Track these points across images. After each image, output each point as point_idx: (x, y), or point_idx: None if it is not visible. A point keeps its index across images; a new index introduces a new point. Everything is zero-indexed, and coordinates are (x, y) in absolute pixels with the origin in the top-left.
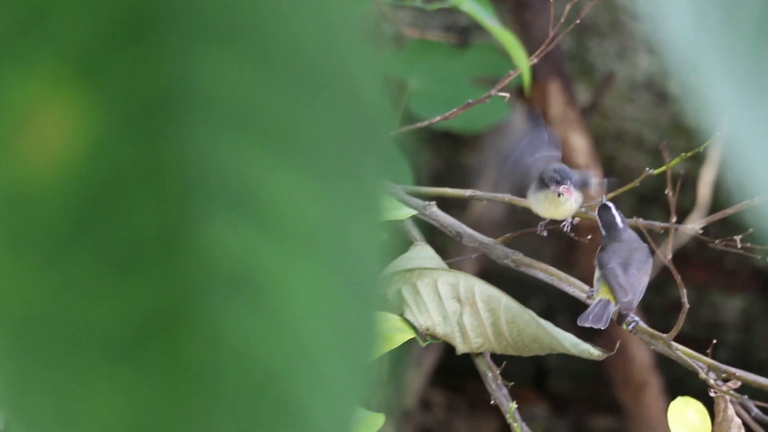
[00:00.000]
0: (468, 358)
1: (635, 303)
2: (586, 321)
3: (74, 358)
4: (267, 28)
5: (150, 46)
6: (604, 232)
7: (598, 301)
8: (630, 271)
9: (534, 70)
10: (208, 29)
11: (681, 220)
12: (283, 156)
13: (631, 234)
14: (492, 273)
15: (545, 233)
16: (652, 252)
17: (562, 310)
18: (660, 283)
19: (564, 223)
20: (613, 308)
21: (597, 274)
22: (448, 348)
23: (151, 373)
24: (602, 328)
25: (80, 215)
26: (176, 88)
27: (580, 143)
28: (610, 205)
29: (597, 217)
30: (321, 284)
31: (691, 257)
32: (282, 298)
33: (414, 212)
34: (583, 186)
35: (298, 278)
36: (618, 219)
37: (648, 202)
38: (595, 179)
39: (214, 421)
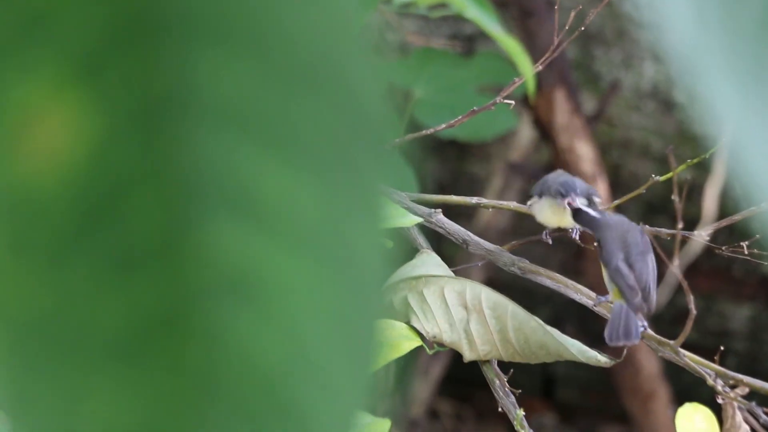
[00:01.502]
0: (475, 368)
1: (652, 291)
2: (617, 340)
3: (76, 360)
4: (266, 30)
5: (150, 49)
6: (591, 231)
7: (619, 309)
8: (634, 260)
9: (539, 78)
10: (208, 31)
11: (688, 228)
12: (283, 157)
13: (612, 216)
14: (499, 282)
15: (550, 241)
16: (659, 258)
17: (570, 319)
18: (668, 293)
19: (572, 230)
20: (633, 315)
21: (605, 275)
22: (456, 357)
23: (153, 374)
24: (637, 343)
25: (82, 217)
26: (177, 90)
27: (586, 152)
28: (576, 205)
29: (577, 224)
30: (321, 286)
31: (698, 266)
32: (282, 299)
33: (420, 220)
34: (588, 200)
35: (299, 280)
36: (591, 211)
37: (655, 210)
38: (598, 198)
39: (215, 422)
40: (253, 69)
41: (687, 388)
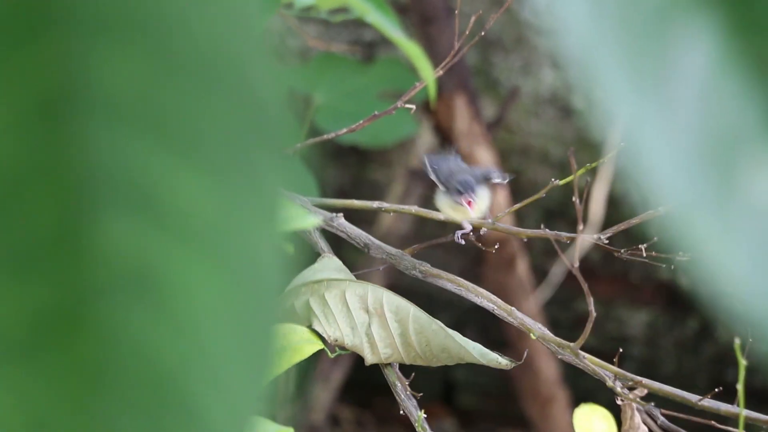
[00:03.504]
0: (375, 374)
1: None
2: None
3: None
4: (167, 28)
5: (47, 45)
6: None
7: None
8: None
9: (439, 84)
10: (107, 28)
11: (586, 232)
12: (180, 155)
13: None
14: (400, 287)
15: (463, 241)
16: (559, 258)
17: (471, 323)
18: (566, 298)
19: (463, 232)
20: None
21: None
22: (357, 363)
23: (48, 373)
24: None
25: None
26: (74, 87)
27: (486, 158)
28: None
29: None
30: (218, 285)
31: (596, 271)
32: (180, 298)
33: (320, 221)
34: (486, 180)
35: (196, 278)
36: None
37: (554, 216)
38: (497, 175)
39: (112, 421)
40: (150, 66)
41: (586, 392)
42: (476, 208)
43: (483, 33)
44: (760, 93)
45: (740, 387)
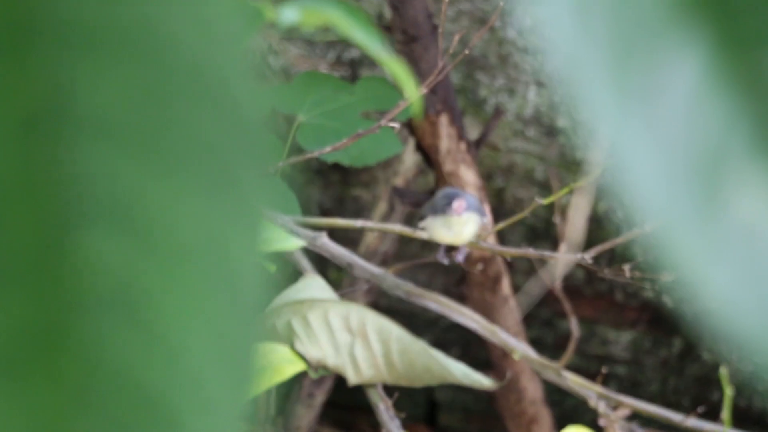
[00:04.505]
0: (357, 394)
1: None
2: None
3: None
4: (146, 40)
5: (27, 59)
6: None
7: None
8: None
9: (424, 103)
10: (93, 44)
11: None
12: (162, 171)
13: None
14: (383, 307)
15: (446, 261)
16: (542, 279)
17: (453, 344)
18: (550, 317)
19: (457, 253)
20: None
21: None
22: (339, 383)
23: (26, 392)
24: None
25: None
26: (54, 100)
27: (470, 177)
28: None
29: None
30: (201, 302)
31: (580, 291)
32: (162, 315)
33: (304, 243)
34: (477, 211)
35: (179, 296)
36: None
37: (538, 235)
38: (486, 212)
39: None
40: (133, 81)
41: (569, 413)
42: (467, 216)
43: (467, 51)
44: (748, 110)
45: (726, 412)
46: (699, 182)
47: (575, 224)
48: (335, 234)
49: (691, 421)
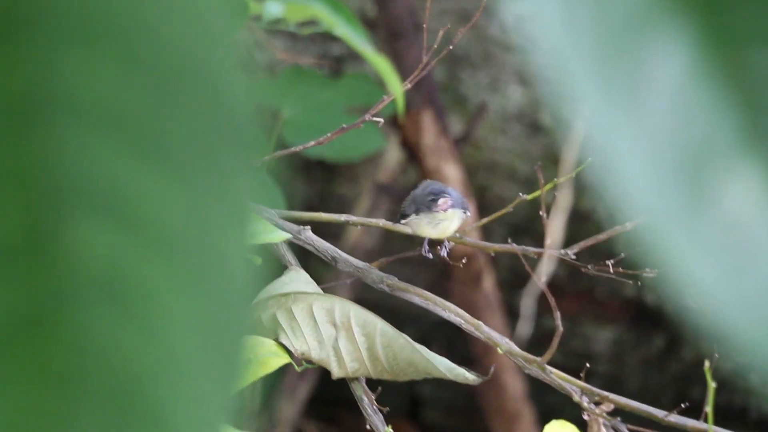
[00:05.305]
0: (341, 389)
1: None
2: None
3: None
4: (135, 31)
5: (15, 48)
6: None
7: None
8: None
9: (407, 100)
10: (78, 33)
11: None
12: (151, 161)
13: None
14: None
15: (431, 255)
16: (528, 275)
17: (437, 338)
18: (531, 313)
19: (441, 246)
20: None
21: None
22: (323, 378)
23: (15, 378)
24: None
25: None
26: (42, 90)
27: (453, 173)
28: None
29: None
30: (187, 292)
31: (563, 288)
32: (148, 303)
33: (288, 236)
34: (461, 206)
35: (165, 284)
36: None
37: (520, 231)
38: (468, 207)
39: (81, 426)
40: (121, 71)
41: (551, 409)
42: (452, 212)
43: (450, 47)
44: (733, 104)
45: (710, 408)
46: (685, 177)
47: (557, 220)
48: (319, 229)
49: (674, 417)
